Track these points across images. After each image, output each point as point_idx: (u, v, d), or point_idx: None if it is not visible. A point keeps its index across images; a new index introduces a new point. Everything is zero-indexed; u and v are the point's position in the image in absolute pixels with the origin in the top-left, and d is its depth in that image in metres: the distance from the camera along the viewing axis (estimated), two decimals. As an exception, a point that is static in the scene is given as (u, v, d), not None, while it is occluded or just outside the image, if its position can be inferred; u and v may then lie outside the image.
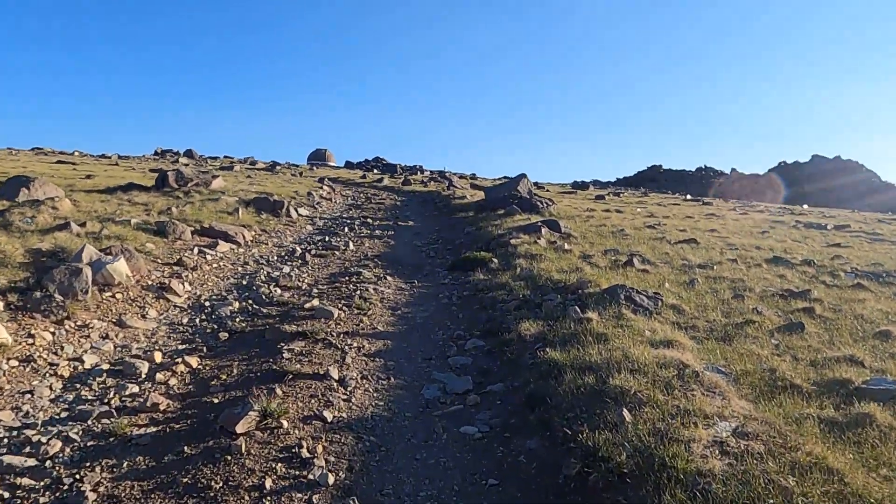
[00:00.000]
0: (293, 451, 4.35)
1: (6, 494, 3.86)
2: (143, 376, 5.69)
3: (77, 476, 4.04)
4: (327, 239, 14.99)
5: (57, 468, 4.16)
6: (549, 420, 4.64)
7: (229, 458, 4.21)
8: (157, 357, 6.17)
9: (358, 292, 9.18)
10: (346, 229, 17.17)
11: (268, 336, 6.88)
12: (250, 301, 8.59)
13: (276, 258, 12.18)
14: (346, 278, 10.29)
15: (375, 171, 66.98)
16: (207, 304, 8.40)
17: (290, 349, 6.35)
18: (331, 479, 4.03)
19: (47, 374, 5.65)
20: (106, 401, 5.20)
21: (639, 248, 12.99)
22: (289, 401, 5.09)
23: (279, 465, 4.18)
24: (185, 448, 4.38)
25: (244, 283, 9.80)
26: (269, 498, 3.82)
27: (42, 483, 3.98)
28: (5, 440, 4.51)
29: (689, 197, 56.05)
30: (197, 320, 7.64)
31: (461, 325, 7.82)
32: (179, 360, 6.08)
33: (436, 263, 12.75)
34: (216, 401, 5.14)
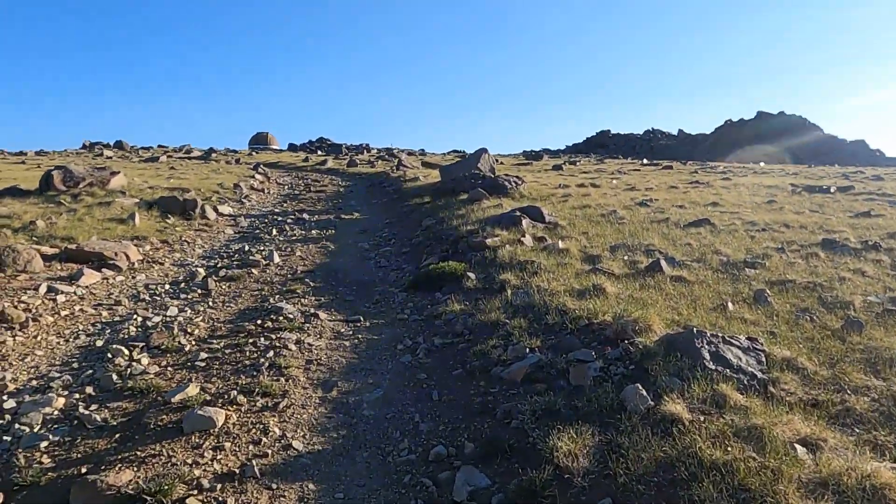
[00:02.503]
0: None
1: None
2: None
3: None
4: (247, 248, 11.54)
5: None
6: None
7: None
8: None
9: (271, 353, 5.89)
10: (275, 231, 13.71)
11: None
12: (88, 391, 5.19)
13: (167, 288, 8.71)
14: (259, 322, 6.96)
15: (319, 152, 63.06)
16: (11, 404, 4.97)
17: (97, 555, 3.06)
18: None
19: None
20: None
21: (650, 240, 9.99)
22: None
23: None
24: None
25: (98, 344, 6.36)
26: None
27: None
28: None
29: (646, 161, 53.96)
30: (-33, 454, 4.24)
31: (440, 422, 4.58)
32: None
33: (389, 278, 9.49)
34: None
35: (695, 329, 4.73)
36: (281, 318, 7.08)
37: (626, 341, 4.99)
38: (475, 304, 7.01)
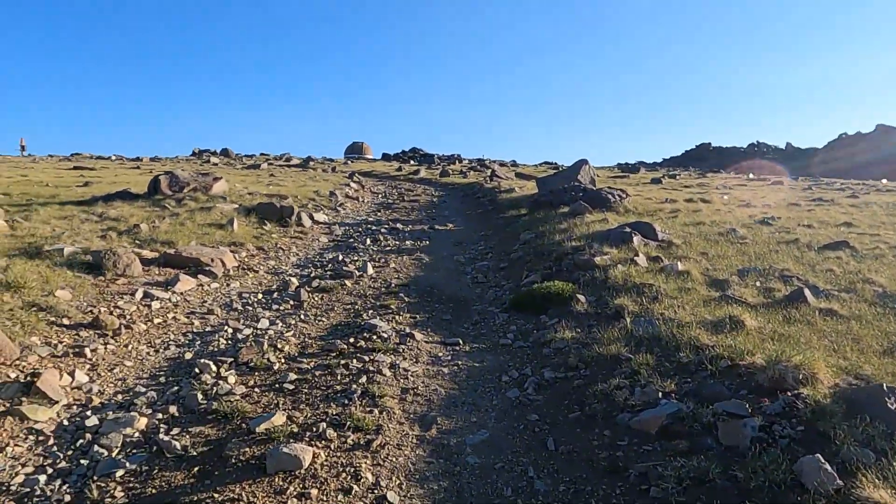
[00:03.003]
0: None
1: None
2: None
3: None
4: (340, 258, 11.23)
5: None
6: None
7: None
8: None
9: (363, 378, 5.36)
10: (369, 241, 13.39)
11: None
12: (171, 411, 4.83)
13: (259, 297, 8.45)
14: (351, 340, 6.48)
15: (412, 162, 63.61)
16: (94, 419, 4.68)
17: None
18: None
19: None
20: None
21: (784, 264, 8.85)
22: None
23: None
24: None
25: (187, 357, 6.06)
26: None
27: None
28: None
29: (752, 175, 50.76)
30: (41, 479, 3.92)
31: (559, 480, 3.86)
32: None
33: (487, 297, 8.83)
34: None
35: (885, 385, 3.78)
36: (374, 336, 6.58)
37: (787, 392, 4.09)
38: (588, 331, 6.23)
